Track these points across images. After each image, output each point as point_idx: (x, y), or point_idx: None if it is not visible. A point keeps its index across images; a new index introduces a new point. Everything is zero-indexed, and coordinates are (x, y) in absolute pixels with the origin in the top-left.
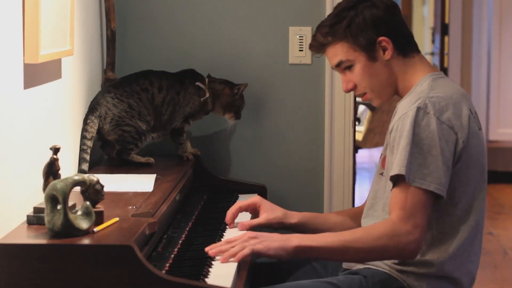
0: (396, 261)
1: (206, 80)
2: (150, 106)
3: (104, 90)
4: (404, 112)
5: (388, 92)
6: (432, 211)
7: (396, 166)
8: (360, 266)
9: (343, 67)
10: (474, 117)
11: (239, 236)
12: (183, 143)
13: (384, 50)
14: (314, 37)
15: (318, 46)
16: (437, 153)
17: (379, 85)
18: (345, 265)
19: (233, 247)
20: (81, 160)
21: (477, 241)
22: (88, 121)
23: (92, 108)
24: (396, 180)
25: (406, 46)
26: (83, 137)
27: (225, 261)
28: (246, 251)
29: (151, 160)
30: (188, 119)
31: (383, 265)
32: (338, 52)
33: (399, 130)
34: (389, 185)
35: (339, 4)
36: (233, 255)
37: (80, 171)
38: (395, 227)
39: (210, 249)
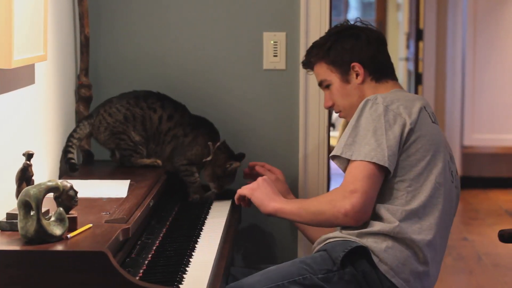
0: (353, 230)
1: (218, 143)
2: (151, 126)
3: (108, 100)
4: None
5: None
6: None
7: (337, 147)
8: (323, 243)
9: (324, 85)
10: (430, 114)
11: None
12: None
13: (357, 74)
14: (305, 55)
15: (306, 64)
16: (381, 133)
17: (350, 105)
18: (316, 247)
19: None
20: (66, 152)
21: (432, 209)
22: (80, 125)
23: (89, 115)
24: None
25: (380, 73)
26: (70, 136)
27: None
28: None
29: (157, 162)
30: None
31: (341, 235)
32: (319, 71)
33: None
34: None
35: (332, 28)
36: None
37: (67, 160)
38: (334, 192)
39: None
